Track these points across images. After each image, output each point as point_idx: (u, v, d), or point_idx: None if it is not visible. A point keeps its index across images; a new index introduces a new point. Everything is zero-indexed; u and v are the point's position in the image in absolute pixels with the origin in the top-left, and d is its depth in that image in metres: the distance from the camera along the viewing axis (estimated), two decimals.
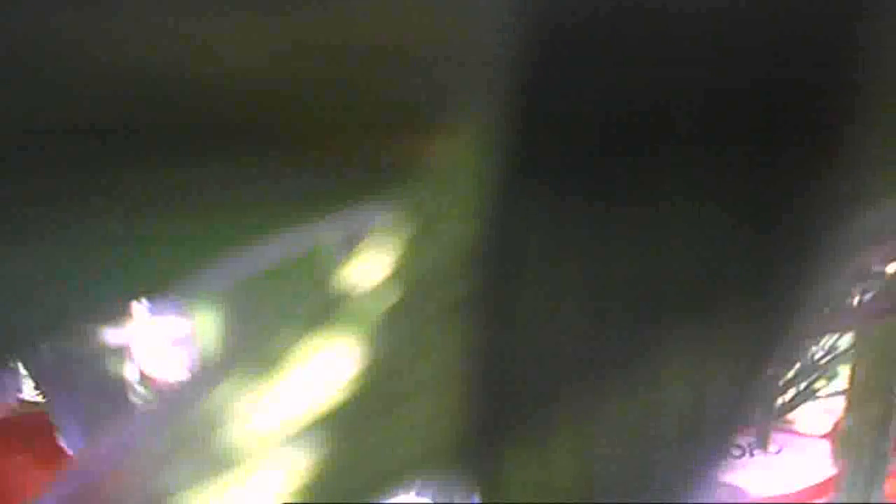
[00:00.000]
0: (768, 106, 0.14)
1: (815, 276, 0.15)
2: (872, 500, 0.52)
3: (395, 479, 0.16)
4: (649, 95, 0.14)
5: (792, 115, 0.14)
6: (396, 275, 0.16)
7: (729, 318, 0.14)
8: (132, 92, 0.13)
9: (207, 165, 0.14)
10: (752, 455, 0.83)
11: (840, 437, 0.55)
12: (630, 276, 0.14)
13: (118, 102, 0.13)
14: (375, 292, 0.16)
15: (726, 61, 0.14)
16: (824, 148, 0.14)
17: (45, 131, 0.13)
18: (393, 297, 0.16)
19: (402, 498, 0.17)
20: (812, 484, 0.85)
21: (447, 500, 0.16)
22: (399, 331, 0.16)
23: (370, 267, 0.16)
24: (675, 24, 0.14)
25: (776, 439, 0.86)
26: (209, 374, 0.18)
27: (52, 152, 0.13)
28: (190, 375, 0.19)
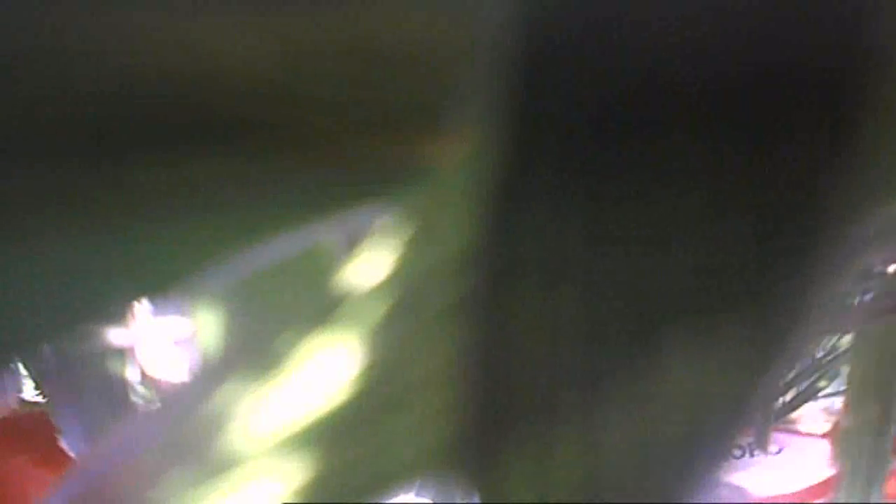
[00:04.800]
0: (770, 107, 0.14)
1: (817, 277, 0.15)
2: (872, 500, 0.52)
3: (395, 479, 0.16)
4: (650, 97, 0.14)
5: (793, 116, 0.14)
6: (396, 275, 0.16)
7: (730, 318, 0.14)
8: (131, 92, 0.13)
9: (208, 165, 0.14)
10: (752, 455, 0.83)
11: (840, 437, 0.55)
12: (630, 277, 0.14)
13: (117, 102, 0.13)
14: (375, 292, 0.16)
15: (727, 63, 0.14)
16: (826, 149, 0.14)
17: (45, 131, 0.13)
18: (393, 297, 0.16)
19: (402, 498, 0.17)
20: (812, 484, 0.85)
21: (447, 500, 0.16)
22: (399, 331, 0.16)
23: (370, 267, 0.16)
24: (675, 23, 0.14)
25: (776, 439, 0.86)
26: (210, 375, 0.18)
27: (53, 152, 0.13)
28: (191, 376, 0.19)
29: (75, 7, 0.12)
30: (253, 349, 0.17)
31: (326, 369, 0.16)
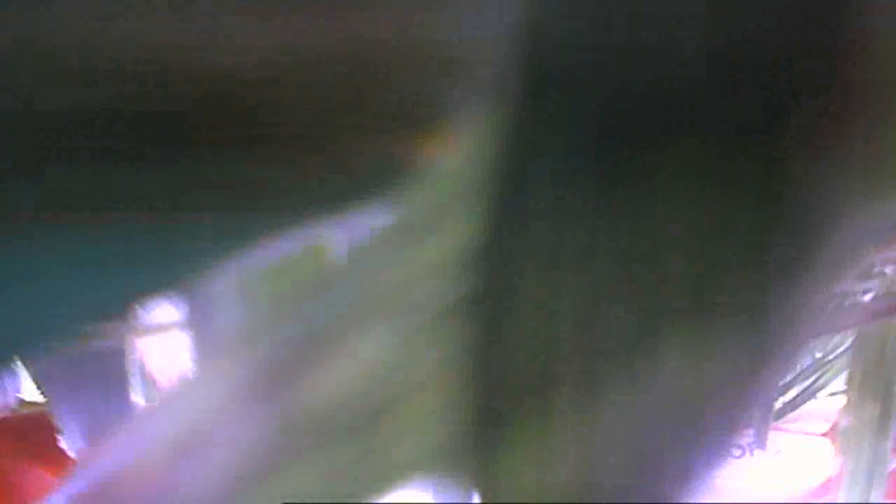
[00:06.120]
0: (769, 105, 0.14)
1: (817, 276, 0.15)
2: (872, 500, 0.52)
3: (395, 479, 0.16)
4: (651, 95, 0.14)
5: (793, 115, 0.14)
6: (396, 275, 0.16)
7: (729, 317, 0.14)
8: (129, 93, 0.13)
9: (208, 165, 0.14)
10: (752, 455, 0.83)
11: (840, 437, 0.55)
12: (630, 276, 0.14)
13: (116, 103, 0.13)
14: (374, 292, 0.16)
15: (727, 62, 0.14)
16: (826, 148, 0.14)
17: (44, 130, 0.13)
18: (393, 297, 0.16)
19: (402, 498, 0.17)
20: (812, 484, 0.85)
21: (447, 500, 0.16)
22: (399, 331, 0.16)
23: (369, 267, 0.16)
24: (676, 24, 0.14)
25: (776, 439, 0.86)
26: (210, 374, 0.18)
27: (51, 152, 0.13)
28: (191, 375, 0.19)
29: (72, 7, 0.12)
30: (252, 349, 0.17)
31: (326, 369, 0.16)
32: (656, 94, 0.14)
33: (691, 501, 0.15)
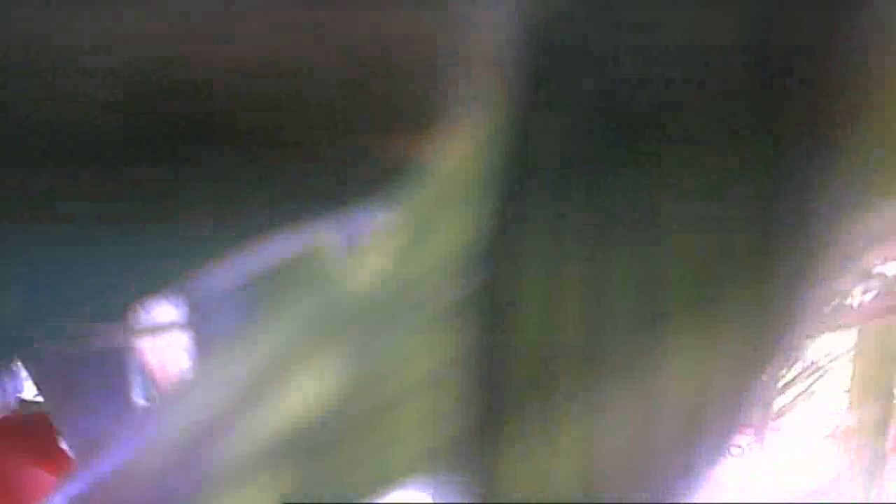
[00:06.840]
0: (769, 107, 0.14)
1: (816, 277, 0.15)
2: (872, 500, 0.52)
3: (395, 478, 0.16)
4: (649, 96, 0.14)
5: (793, 116, 0.14)
6: (396, 275, 0.16)
7: (729, 317, 0.14)
8: (131, 93, 0.13)
9: (208, 165, 0.14)
10: (751, 455, 0.83)
11: (840, 437, 0.55)
12: (630, 276, 0.14)
13: (117, 104, 0.13)
14: (375, 292, 0.16)
15: (726, 62, 0.14)
16: (826, 149, 0.14)
17: (46, 131, 0.13)
18: (392, 297, 0.16)
19: (402, 497, 0.17)
20: (812, 484, 0.85)
21: (447, 500, 0.16)
22: (399, 330, 0.16)
23: (370, 267, 0.16)
24: (674, 26, 0.14)
25: (776, 439, 0.86)
26: (211, 375, 0.18)
27: (53, 152, 0.13)
28: (191, 376, 0.19)
29: (74, 9, 0.13)
30: (252, 349, 0.17)
31: (326, 369, 0.16)
32: (656, 94, 0.14)
33: (691, 501, 0.15)
